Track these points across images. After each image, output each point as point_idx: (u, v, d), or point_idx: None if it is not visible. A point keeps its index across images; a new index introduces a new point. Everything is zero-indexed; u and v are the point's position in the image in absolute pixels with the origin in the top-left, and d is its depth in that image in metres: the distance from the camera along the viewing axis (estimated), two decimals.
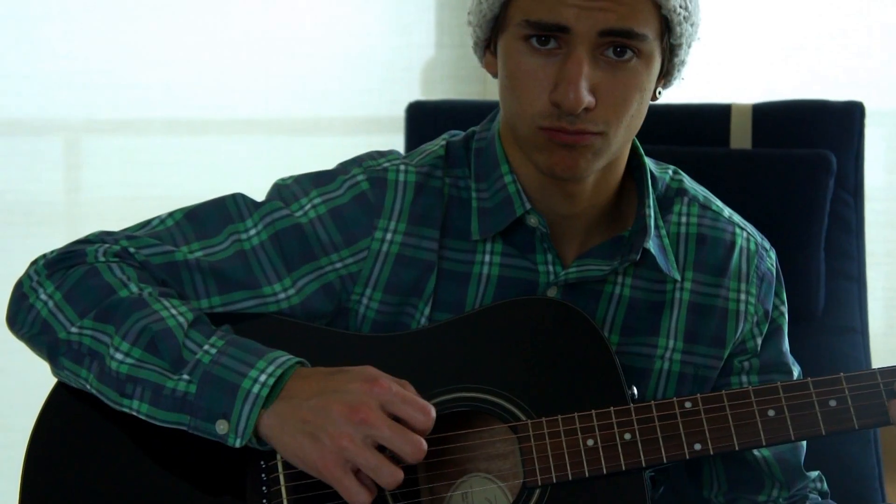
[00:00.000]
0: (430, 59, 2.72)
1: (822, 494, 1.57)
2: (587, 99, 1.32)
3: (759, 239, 1.57)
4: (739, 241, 1.54)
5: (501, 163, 1.48)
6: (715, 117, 2.08)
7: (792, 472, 1.55)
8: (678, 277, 1.50)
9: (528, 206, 1.45)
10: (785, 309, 1.57)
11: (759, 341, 1.54)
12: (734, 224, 1.55)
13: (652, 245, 1.47)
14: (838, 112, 2.03)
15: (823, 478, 1.59)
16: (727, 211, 1.57)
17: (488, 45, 1.45)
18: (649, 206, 1.48)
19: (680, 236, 1.52)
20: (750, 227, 1.57)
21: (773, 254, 1.58)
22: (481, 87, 2.74)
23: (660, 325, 1.50)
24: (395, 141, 1.80)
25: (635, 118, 1.40)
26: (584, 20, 1.31)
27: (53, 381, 1.44)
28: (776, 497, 1.55)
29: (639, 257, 1.46)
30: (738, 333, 1.53)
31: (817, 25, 2.62)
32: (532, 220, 1.46)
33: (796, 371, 1.57)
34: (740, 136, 2.05)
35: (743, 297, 1.53)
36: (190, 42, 2.67)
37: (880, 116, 2.51)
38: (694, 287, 1.51)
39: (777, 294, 1.56)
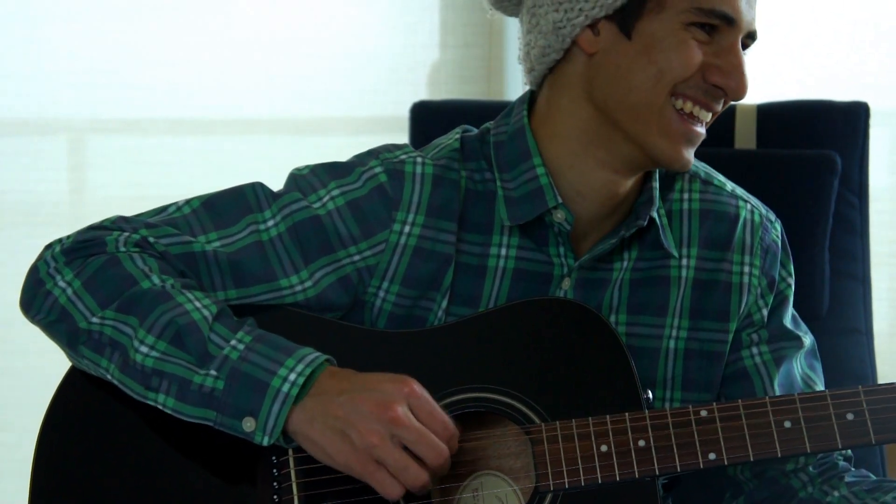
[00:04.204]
0: (434, 60, 2.72)
1: (847, 459, 1.56)
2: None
3: (763, 211, 1.57)
4: (743, 214, 1.55)
5: (534, 155, 1.48)
6: (719, 117, 2.05)
7: None
8: (676, 254, 1.51)
9: (559, 199, 1.46)
10: (792, 281, 1.57)
11: (766, 312, 1.54)
12: (737, 197, 1.56)
13: (657, 216, 1.49)
14: (843, 112, 2.03)
15: None
16: (730, 185, 1.58)
17: (594, 23, 1.43)
18: (655, 179, 1.50)
19: (683, 213, 1.53)
20: (754, 200, 1.58)
21: (778, 225, 1.58)
22: (485, 86, 2.74)
23: (667, 304, 1.51)
24: (399, 141, 1.80)
25: None
26: (746, 14, 1.41)
27: (55, 379, 1.44)
28: (804, 462, 1.53)
29: (646, 223, 1.47)
30: (743, 306, 1.53)
31: (822, 25, 2.62)
32: (559, 215, 1.46)
33: (808, 339, 1.56)
34: (745, 137, 2.04)
35: (747, 269, 1.53)
36: (194, 42, 2.68)
37: (885, 117, 2.51)
38: (698, 263, 1.52)
39: (783, 265, 1.57)
